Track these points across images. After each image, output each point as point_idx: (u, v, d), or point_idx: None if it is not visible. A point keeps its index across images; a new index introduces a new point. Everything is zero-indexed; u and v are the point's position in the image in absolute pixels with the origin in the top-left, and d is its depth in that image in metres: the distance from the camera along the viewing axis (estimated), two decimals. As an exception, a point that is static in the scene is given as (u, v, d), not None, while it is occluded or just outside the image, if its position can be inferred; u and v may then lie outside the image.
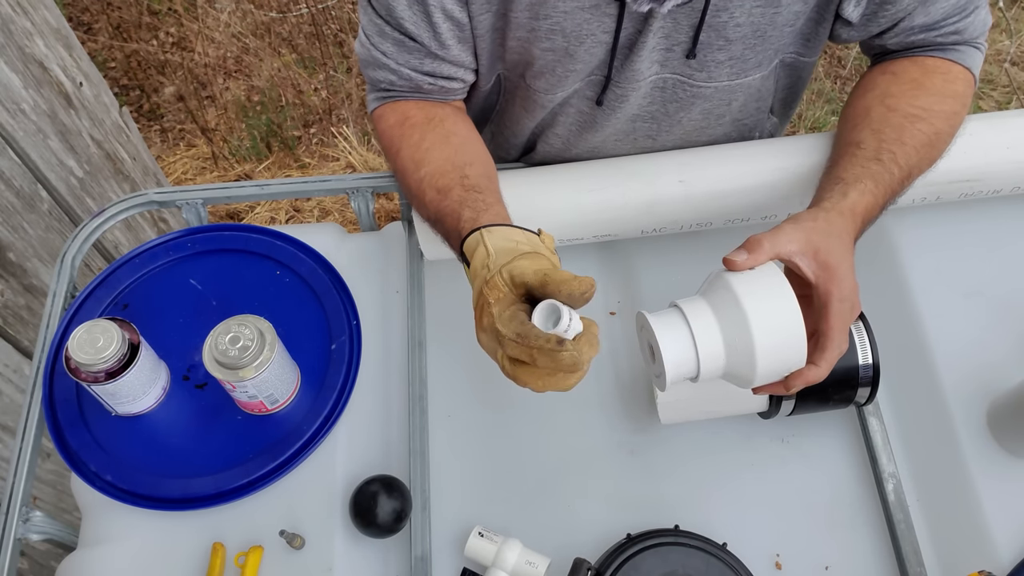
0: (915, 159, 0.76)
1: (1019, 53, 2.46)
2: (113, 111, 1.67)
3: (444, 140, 0.81)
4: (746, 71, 0.84)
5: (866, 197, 0.71)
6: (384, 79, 0.83)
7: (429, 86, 0.84)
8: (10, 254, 1.24)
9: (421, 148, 0.81)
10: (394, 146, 0.83)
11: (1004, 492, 0.79)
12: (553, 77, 0.84)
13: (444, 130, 0.82)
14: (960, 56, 0.83)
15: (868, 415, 0.83)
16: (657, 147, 0.94)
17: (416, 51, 0.80)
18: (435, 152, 0.80)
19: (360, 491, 0.76)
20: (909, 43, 0.83)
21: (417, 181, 0.79)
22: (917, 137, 0.77)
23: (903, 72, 0.82)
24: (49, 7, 1.43)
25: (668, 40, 0.79)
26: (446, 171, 0.77)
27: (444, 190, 0.76)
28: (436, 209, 0.76)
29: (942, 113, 0.79)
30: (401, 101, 0.86)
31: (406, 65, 0.81)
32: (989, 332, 0.88)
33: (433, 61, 0.81)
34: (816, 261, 0.66)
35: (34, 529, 0.81)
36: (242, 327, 0.75)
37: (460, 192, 0.75)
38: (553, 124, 0.92)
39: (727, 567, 0.73)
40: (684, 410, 0.79)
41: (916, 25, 0.81)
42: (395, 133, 0.84)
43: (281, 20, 2.59)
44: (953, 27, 0.81)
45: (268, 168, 2.35)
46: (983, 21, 0.83)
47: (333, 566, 0.76)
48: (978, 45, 0.84)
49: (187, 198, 0.97)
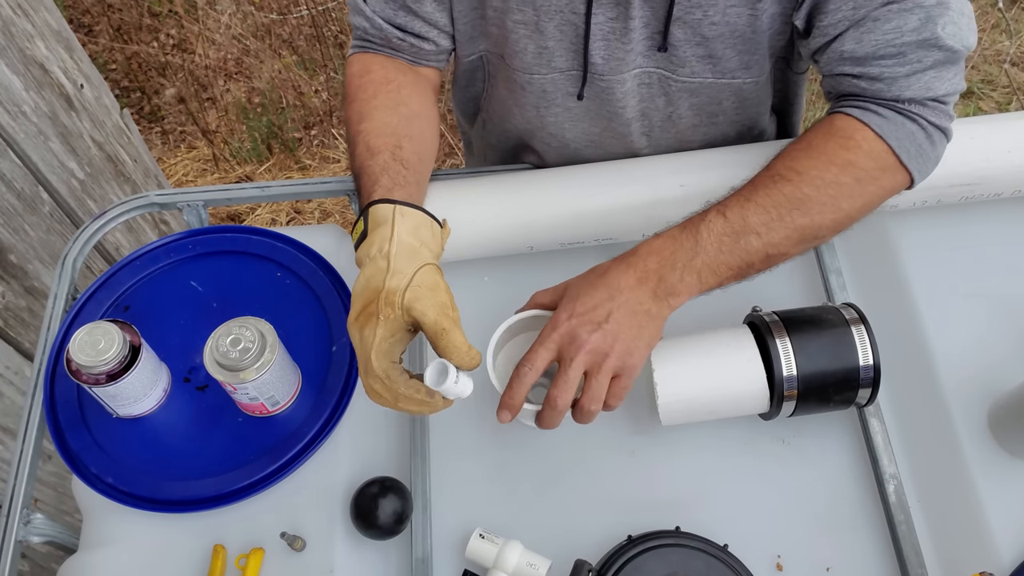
0: (759, 217, 0.71)
1: (1019, 53, 2.46)
2: (114, 113, 1.67)
3: (393, 106, 0.83)
4: (732, 71, 0.84)
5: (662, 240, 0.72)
6: (360, 26, 0.86)
7: (399, 40, 0.85)
8: (11, 256, 1.24)
9: (370, 105, 0.82)
10: (350, 96, 0.85)
11: (1005, 493, 0.79)
12: (527, 55, 0.84)
13: (398, 96, 0.83)
14: (873, 120, 0.73)
15: (869, 416, 0.83)
16: (654, 148, 0.94)
17: (391, 1, 0.83)
18: (380, 113, 0.81)
19: (361, 493, 0.76)
20: (838, 82, 0.77)
21: (355, 133, 0.81)
22: (772, 197, 0.71)
23: (810, 131, 0.76)
24: (50, 9, 1.43)
25: (648, 29, 0.80)
26: (383, 134, 0.79)
27: (374, 150, 0.78)
28: (360, 164, 0.78)
29: (816, 180, 0.71)
30: (372, 53, 0.88)
31: (380, 14, 0.84)
32: (990, 333, 0.88)
33: (407, 15, 0.84)
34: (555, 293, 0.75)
35: (35, 531, 0.81)
36: (243, 329, 0.75)
37: (387, 158, 0.77)
38: (542, 121, 0.93)
39: (728, 568, 0.73)
40: (685, 411, 0.79)
41: (846, 52, 0.73)
42: (353, 83, 0.86)
43: (281, 22, 2.59)
44: (879, 71, 0.72)
45: (269, 170, 2.35)
46: (928, 82, 0.72)
47: (334, 568, 0.76)
48: (908, 113, 0.73)
49: (188, 200, 0.97)
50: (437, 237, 0.75)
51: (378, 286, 0.68)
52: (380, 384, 0.67)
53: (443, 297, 0.69)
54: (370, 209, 0.73)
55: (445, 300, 0.69)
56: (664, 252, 0.71)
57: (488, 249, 0.90)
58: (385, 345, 0.67)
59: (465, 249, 0.89)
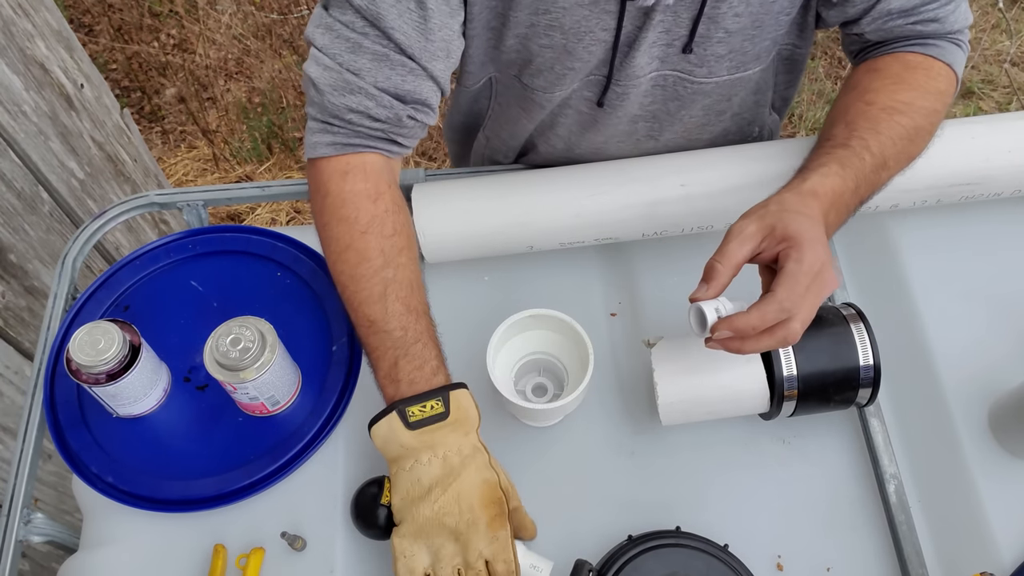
0: (891, 149, 0.74)
1: (1019, 53, 2.46)
2: (114, 113, 1.67)
3: (408, 246, 0.75)
4: (745, 64, 0.84)
5: (829, 179, 0.70)
6: (358, 107, 0.73)
7: (409, 119, 0.75)
8: (11, 256, 1.24)
9: (395, 246, 0.73)
10: (359, 219, 0.73)
11: (1006, 493, 0.79)
12: (551, 75, 0.83)
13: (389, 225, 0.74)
14: (941, 52, 0.81)
15: (869, 416, 0.83)
16: (659, 145, 0.94)
17: (400, 66, 0.72)
18: (404, 257, 0.73)
19: (361, 493, 0.76)
20: (887, 31, 0.81)
21: (382, 281, 0.72)
22: (895, 129, 0.75)
23: (885, 68, 0.80)
24: (50, 9, 1.43)
25: (668, 35, 0.79)
26: (415, 287, 0.73)
27: (416, 311, 0.72)
28: (402, 324, 0.71)
29: (923, 109, 0.77)
30: (358, 154, 0.75)
31: (385, 84, 0.72)
32: (990, 333, 0.88)
33: (416, 79, 0.73)
34: (774, 238, 0.65)
35: (35, 531, 0.81)
36: (243, 329, 0.75)
37: (428, 323, 0.73)
38: (553, 126, 0.92)
39: (728, 568, 0.73)
40: (685, 411, 0.79)
41: (894, 9, 0.79)
42: (362, 206, 0.73)
43: (282, 22, 2.59)
44: (932, 13, 0.79)
45: (269, 170, 2.35)
46: (964, 14, 0.81)
47: (334, 568, 0.76)
48: (959, 42, 0.82)
49: (188, 199, 0.97)
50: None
51: (496, 481, 0.68)
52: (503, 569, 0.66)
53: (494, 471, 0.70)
54: (452, 394, 0.69)
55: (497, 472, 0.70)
56: (839, 203, 0.71)
57: (488, 249, 0.90)
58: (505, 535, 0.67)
59: (465, 249, 0.89)
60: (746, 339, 0.65)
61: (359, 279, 0.72)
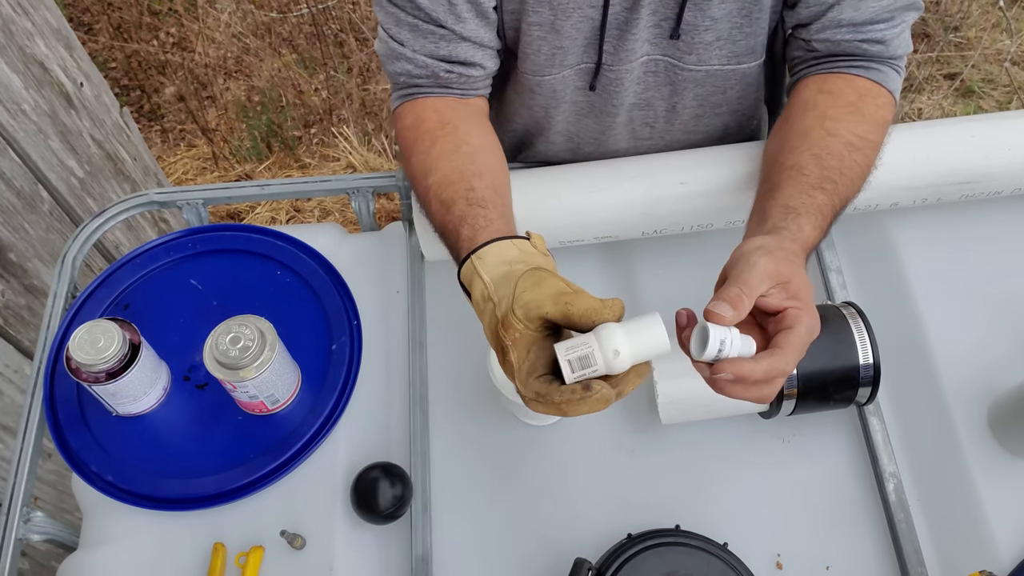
0: (850, 191, 0.75)
1: (1019, 53, 2.46)
2: (114, 111, 1.67)
3: (455, 148, 0.79)
4: (739, 56, 0.84)
5: (815, 232, 0.71)
6: (402, 70, 0.82)
7: (446, 73, 0.81)
8: (11, 254, 1.24)
9: (431, 155, 0.79)
10: (407, 150, 0.82)
11: (1005, 492, 0.79)
12: (540, 57, 0.84)
13: (456, 138, 0.80)
14: (885, 79, 0.81)
15: (869, 415, 0.83)
16: (657, 139, 0.94)
17: (431, 34, 0.79)
18: (444, 160, 0.78)
19: (361, 477, 0.76)
20: (835, 44, 0.81)
21: (424, 189, 0.78)
22: (854, 169, 0.75)
23: (839, 93, 0.80)
24: (50, 8, 1.43)
25: (656, 16, 0.80)
26: (452, 181, 0.76)
27: (448, 203, 0.75)
28: (440, 222, 0.76)
29: (874, 144, 0.78)
30: (420, 99, 0.84)
31: (422, 51, 0.80)
32: (990, 332, 0.88)
33: (449, 43, 0.80)
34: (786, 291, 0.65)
35: (35, 529, 0.81)
36: (243, 327, 0.75)
37: (463, 207, 0.74)
38: (549, 119, 0.92)
39: (728, 567, 0.73)
40: (685, 410, 0.79)
41: (844, 19, 0.78)
42: (408, 136, 0.82)
43: (281, 20, 2.59)
44: (880, 34, 0.79)
45: (268, 168, 2.35)
46: (907, 40, 0.82)
47: (334, 566, 0.77)
48: (899, 68, 0.82)
49: (188, 198, 0.97)
50: (528, 249, 0.70)
51: (494, 323, 0.66)
52: (540, 405, 0.63)
53: (552, 285, 0.64)
54: (460, 275, 0.71)
55: (557, 285, 0.64)
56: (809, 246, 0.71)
57: (488, 248, 0.90)
58: (525, 366, 0.63)
59: (465, 247, 0.89)
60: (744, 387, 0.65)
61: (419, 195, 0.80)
